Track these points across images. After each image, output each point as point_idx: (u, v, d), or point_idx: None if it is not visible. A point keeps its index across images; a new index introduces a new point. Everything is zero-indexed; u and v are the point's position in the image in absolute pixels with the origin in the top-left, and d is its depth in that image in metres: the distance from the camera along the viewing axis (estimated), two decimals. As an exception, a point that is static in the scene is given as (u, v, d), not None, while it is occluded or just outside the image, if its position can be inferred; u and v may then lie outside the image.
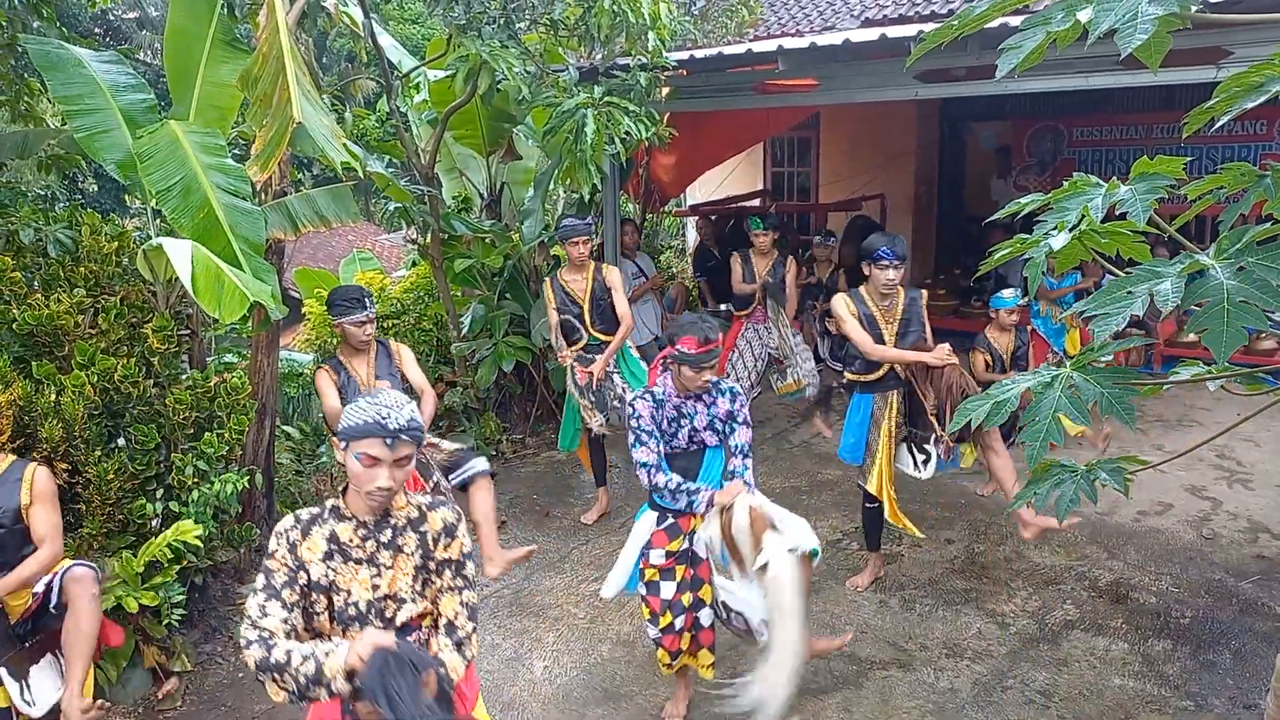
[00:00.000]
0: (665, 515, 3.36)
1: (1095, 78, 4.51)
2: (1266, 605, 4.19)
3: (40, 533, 3.14)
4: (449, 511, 2.19)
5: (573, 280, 5.19)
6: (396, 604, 2.14)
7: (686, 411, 3.29)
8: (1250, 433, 6.17)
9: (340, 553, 2.11)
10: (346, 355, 4.19)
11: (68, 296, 3.92)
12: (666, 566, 3.32)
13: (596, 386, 5.16)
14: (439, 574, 2.15)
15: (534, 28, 5.73)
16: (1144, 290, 1.52)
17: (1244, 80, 1.63)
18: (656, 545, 3.34)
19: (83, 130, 4.10)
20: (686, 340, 3.16)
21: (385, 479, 2.03)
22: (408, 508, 2.17)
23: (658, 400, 3.28)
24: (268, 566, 2.08)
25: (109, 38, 15.71)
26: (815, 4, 9.36)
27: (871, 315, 4.20)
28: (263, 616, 2.00)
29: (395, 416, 2.02)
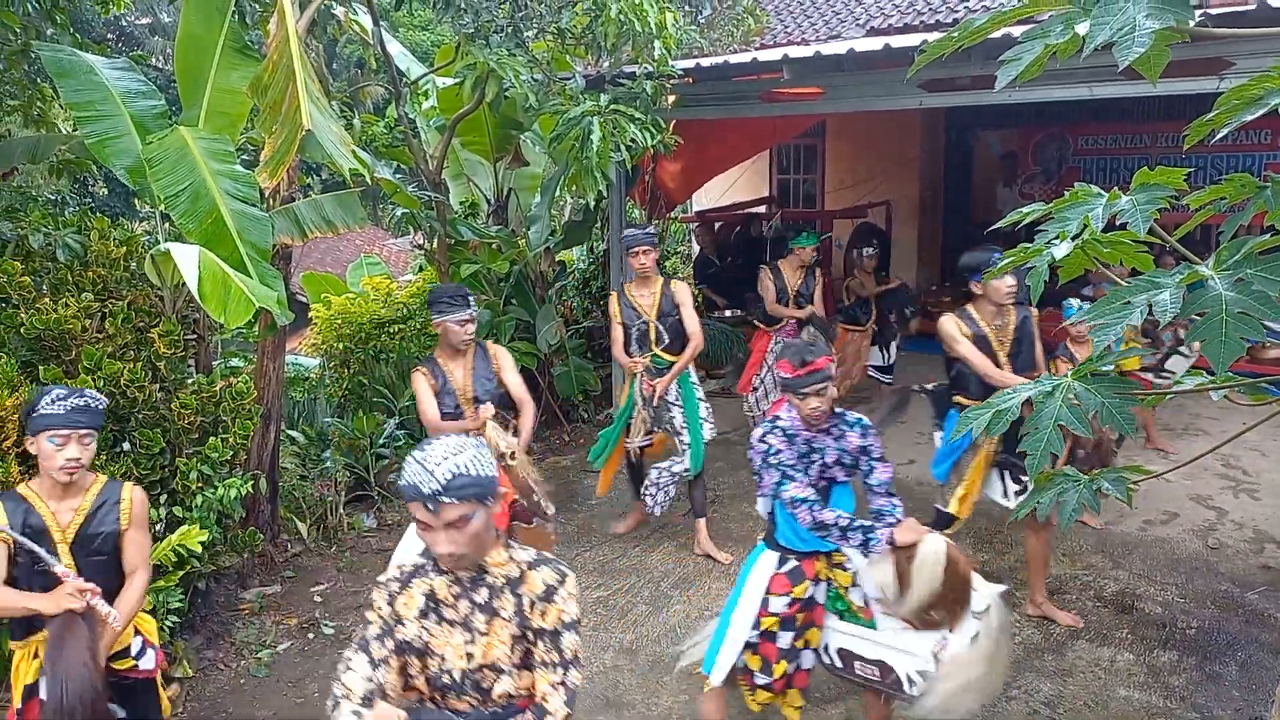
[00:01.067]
0: (787, 558, 3.09)
1: (1099, 88, 4.52)
2: (1272, 616, 4.17)
3: (134, 561, 2.89)
4: (552, 572, 1.91)
5: (640, 295, 5.02)
6: (494, 674, 1.90)
7: (817, 446, 3.03)
8: (1256, 442, 6.16)
9: (436, 612, 1.91)
10: (444, 357, 4.05)
11: (75, 301, 3.95)
12: (788, 615, 3.06)
13: (656, 403, 4.99)
14: (536, 645, 1.88)
15: (541, 36, 5.76)
16: (1143, 300, 1.52)
17: (1244, 92, 1.63)
18: (778, 591, 3.06)
19: (93, 136, 4.13)
20: (782, 364, 3.00)
21: (443, 544, 1.80)
22: (508, 565, 1.91)
23: (788, 434, 3.02)
24: (366, 618, 1.95)
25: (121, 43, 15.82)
26: (821, 13, 9.39)
27: (984, 335, 3.98)
28: (346, 671, 1.88)
29: (428, 479, 1.75)
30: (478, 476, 1.80)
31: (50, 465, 2.73)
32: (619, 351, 5.10)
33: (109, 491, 2.90)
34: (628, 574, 4.92)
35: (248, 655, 4.20)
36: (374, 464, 6.05)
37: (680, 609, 4.46)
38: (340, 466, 5.74)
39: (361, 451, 6.00)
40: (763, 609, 3.06)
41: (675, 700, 3.76)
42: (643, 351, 5.02)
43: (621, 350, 5.08)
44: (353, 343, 7.08)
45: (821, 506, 2.92)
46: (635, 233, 4.99)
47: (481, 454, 1.84)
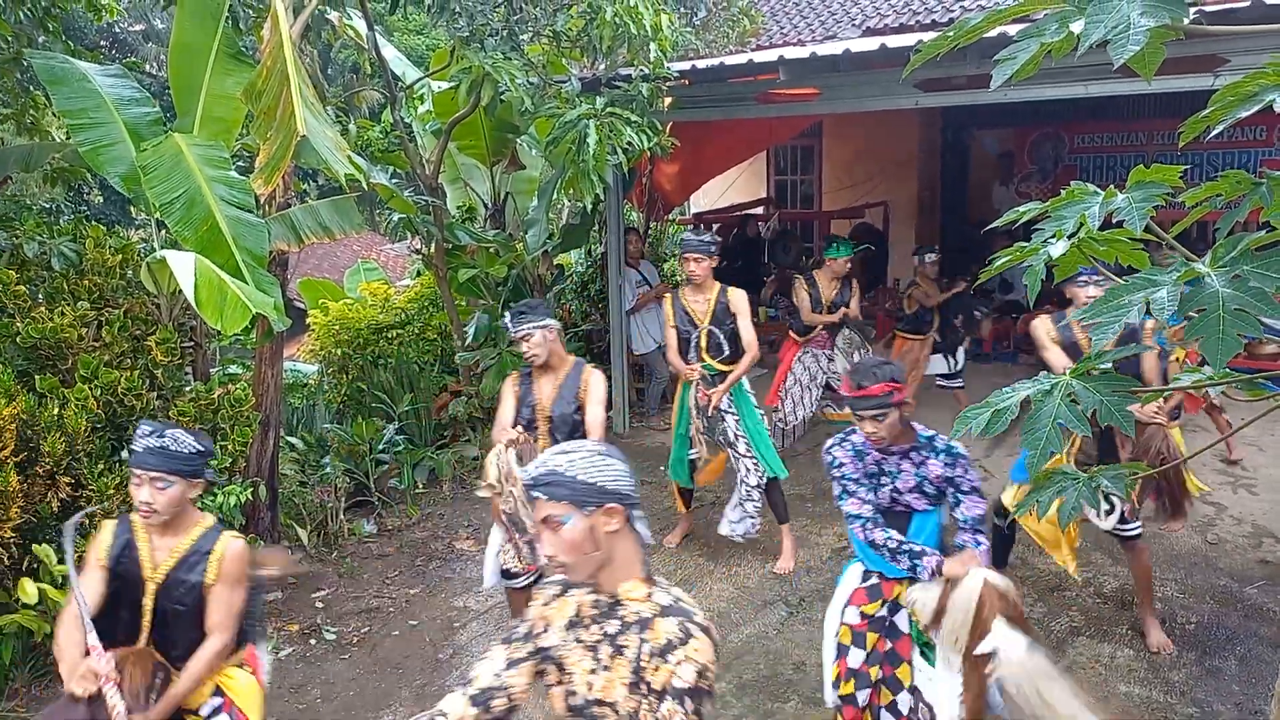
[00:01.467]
0: (870, 573, 3.01)
1: (1094, 86, 4.52)
2: (1271, 610, 4.17)
3: (214, 621, 2.62)
4: (675, 627, 1.72)
5: (694, 300, 4.90)
6: (614, 714, 1.77)
7: (888, 469, 2.91)
8: (1254, 437, 6.16)
9: (577, 627, 1.85)
10: (538, 370, 3.91)
11: (71, 310, 3.95)
12: (859, 629, 2.95)
13: (710, 413, 4.86)
14: (643, 701, 1.73)
15: (537, 39, 5.77)
16: (1140, 298, 1.52)
17: (1238, 89, 1.64)
18: (854, 603, 3.00)
19: (87, 144, 4.14)
20: (845, 383, 2.90)
21: (544, 543, 1.78)
22: (643, 604, 1.79)
23: (857, 449, 2.93)
24: (526, 614, 1.90)
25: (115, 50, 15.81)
26: (817, 13, 9.40)
27: (1076, 343, 3.83)
28: (482, 659, 1.85)
29: (531, 468, 1.79)
30: (574, 480, 1.75)
31: (133, 501, 2.58)
32: (674, 356, 4.97)
33: (206, 540, 2.66)
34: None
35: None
36: (374, 469, 6.04)
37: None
38: (340, 472, 5.74)
39: (361, 457, 5.99)
40: (841, 619, 3.01)
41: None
42: (692, 359, 4.91)
43: (676, 355, 4.96)
44: (351, 348, 7.09)
45: (875, 525, 2.83)
46: (691, 239, 4.92)
47: (599, 462, 1.79)
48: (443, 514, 5.91)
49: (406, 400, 6.73)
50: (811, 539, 5.20)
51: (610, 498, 1.77)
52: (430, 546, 5.44)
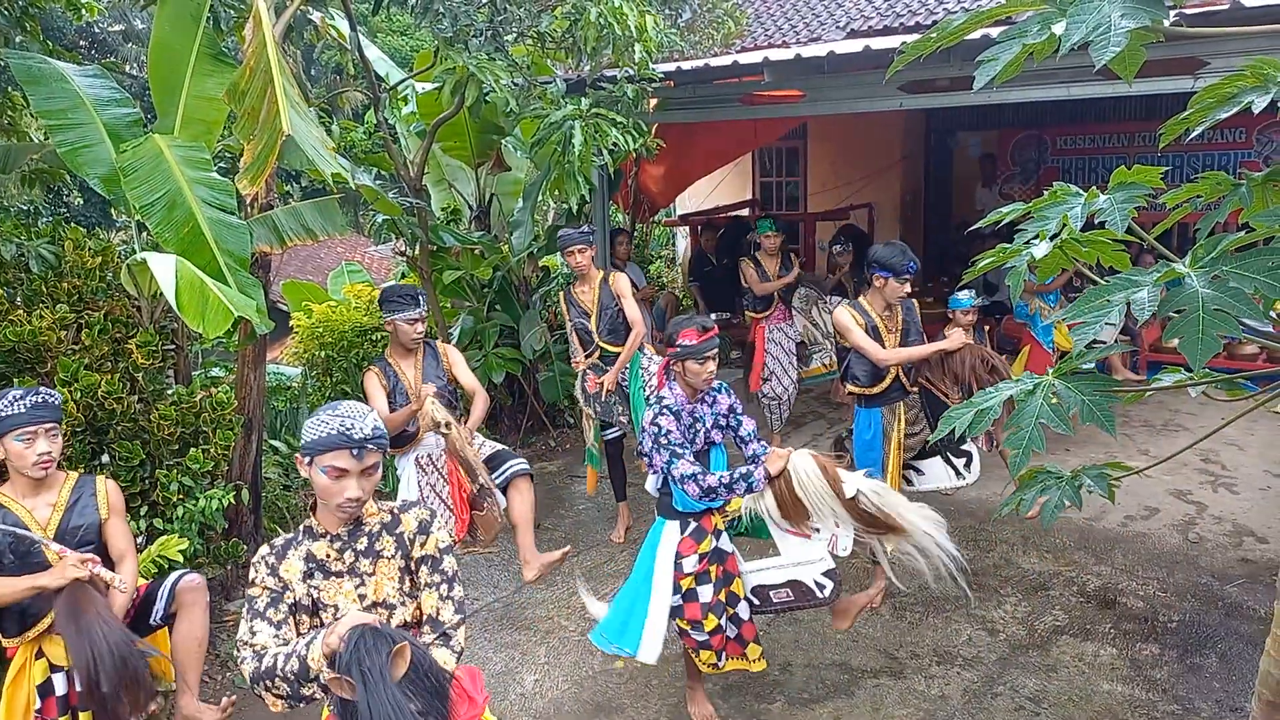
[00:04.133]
0: (687, 522, 3.38)
1: (1076, 88, 4.56)
2: (1251, 608, 4.21)
3: (120, 547, 3.01)
4: (422, 510, 2.19)
5: (582, 291, 5.15)
6: (387, 610, 2.13)
7: (699, 415, 3.38)
8: (1234, 436, 6.22)
9: (320, 570, 2.10)
10: (395, 357, 4.16)
11: (50, 312, 3.90)
12: (702, 570, 3.34)
13: (605, 397, 5.09)
14: (418, 572, 2.14)
15: (521, 40, 5.75)
16: (1121, 298, 1.53)
17: (1217, 91, 1.65)
18: (686, 553, 3.35)
19: (65, 145, 4.08)
20: (686, 333, 3.26)
21: (354, 489, 2.02)
22: (379, 514, 2.16)
23: (675, 412, 3.31)
24: (249, 594, 2.07)
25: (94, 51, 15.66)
26: (801, 16, 9.42)
27: (875, 325, 4.21)
28: (252, 636, 2.01)
29: (359, 426, 2.01)
30: (385, 432, 2.09)
31: (23, 464, 2.80)
32: (573, 350, 5.27)
33: (84, 485, 3.00)
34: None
35: (232, 667, 4.16)
36: (357, 472, 6.00)
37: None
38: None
39: (345, 460, 5.95)
40: (678, 572, 3.34)
41: (664, 703, 3.75)
42: (589, 348, 5.15)
43: (577, 349, 5.23)
44: (335, 351, 7.03)
45: (705, 473, 3.20)
46: (569, 232, 5.07)
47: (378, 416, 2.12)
48: (428, 517, 5.88)
49: (391, 403, 6.69)
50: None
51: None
52: (415, 549, 5.41)
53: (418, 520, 2.16)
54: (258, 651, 1.97)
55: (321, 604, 2.10)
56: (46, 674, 2.85)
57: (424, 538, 2.15)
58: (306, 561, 2.10)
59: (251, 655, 1.97)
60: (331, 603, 2.10)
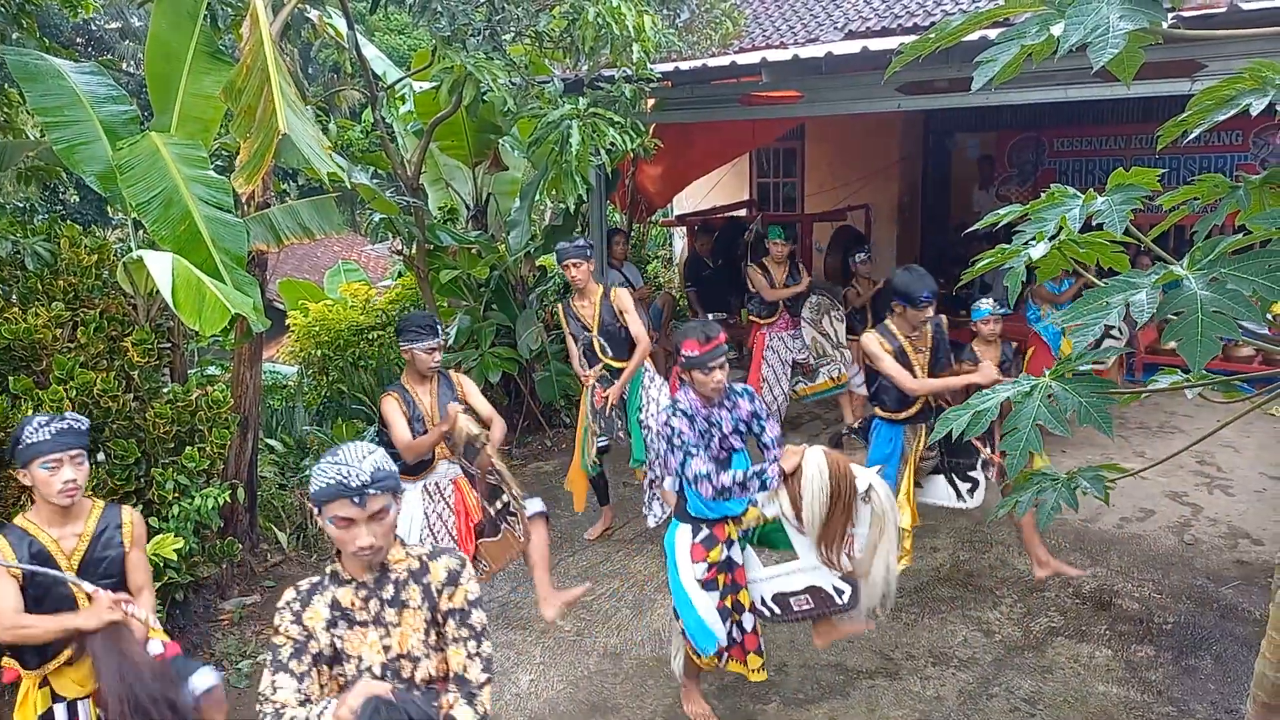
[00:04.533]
0: (699, 527, 3.34)
1: (1074, 90, 4.56)
2: (1246, 610, 4.22)
3: (139, 580, 2.89)
4: (451, 559, 2.08)
5: (582, 306, 5.07)
6: (412, 663, 2.05)
7: (715, 419, 3.32)
8: (1230, 438, 6.23)
9: (344, 618, 2.02)
10: (411, 382, 4.08)
11: (46, 310, 3.89)
12: (709, 579, 3.31)
13: (608, 412, 5.01)
14: (445, 625, 2.04)
15: (519, 40, 5.74)
16: (1120, 300, 1.53)
17: (1215, 94, 1.65)
18: (696, 559, 3.32)
19: (62, 142, 4.07)
20: (688, 344, 3.22)
21: (365, 537, 1.94)
22: (407, 560, 2.07)
23: (688, 414, 3.26)
24: (273, 642, 2.01)
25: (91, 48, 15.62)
26: (799, 16, 9.42)
27: (902, 349, 4.14)
28: (274, 692, 1.95)
29: (356, 473, 1.92)
30: (392, 471, 1.98)
31: (49, 491, 2.69)
32: (574, 362, 5.19)
33: (110, 516, 2.87)
34: (611, 578, 4.90)
35: (227, 666, 4.15)
36: (353, 471, 5.99)
37: (664, 612, 4.45)
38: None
39: (341, 459, 5.94)
40: (692, 577, 3.33)
41: (660, 703, 3.75)
42: (592, 364, 5.08)
43: (577, 361, 5.16)
44: (331, 350, 7.03)
45: (719, 472, 3.16)
46: (565, 245, 5.01)
47: (386, 456, 2.01)
48: (424, 516, 5.87)
49: (387, 402, 6.68)
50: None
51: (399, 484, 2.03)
52: (411, 549, 5.40)
53: (447, 570, 2.06)
54: (277, 711, 1.92)
55: (345, 655, 2.02)
56: (49, 704, 2.78)
57: (453, 589, 2.04)
58: (331, 609, 2.02)
59: (271, 715, 1.92)
60: (355, 654, 2.02)
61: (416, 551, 2.09)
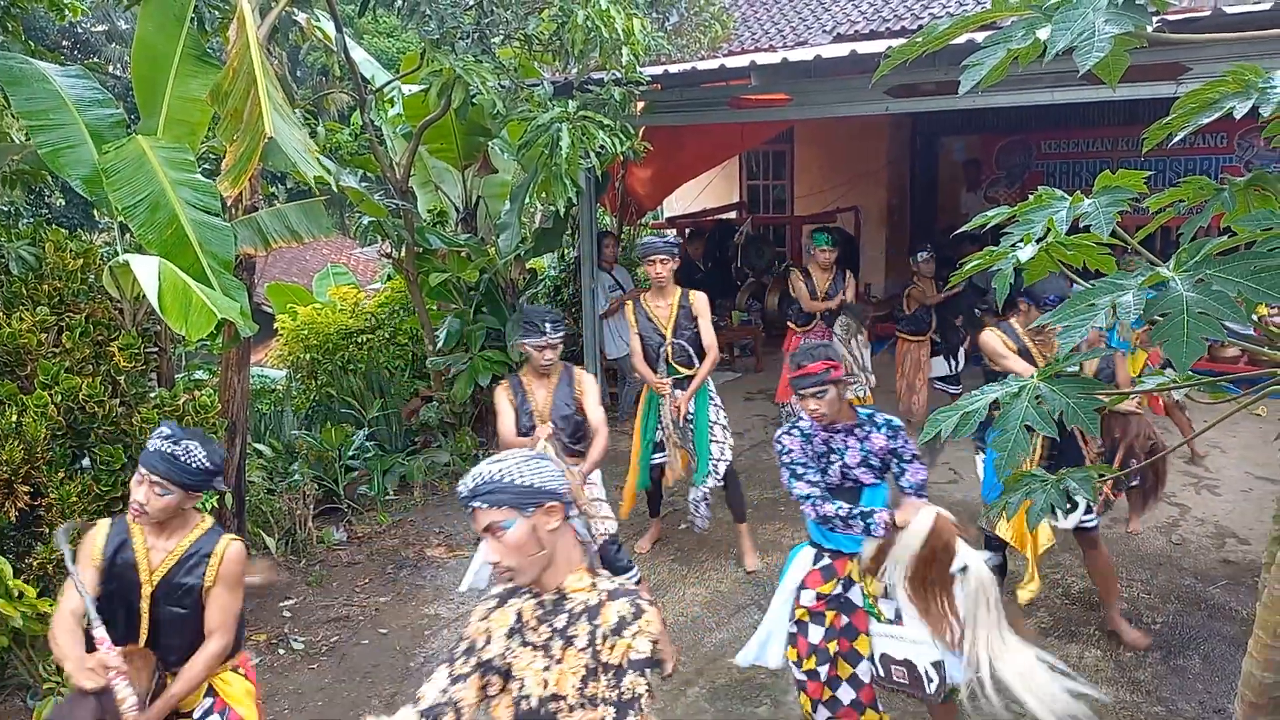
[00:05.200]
0: (821, 555, 3.15)
1: (1060, 92, 4.58)
2: (1233, 609, 4.24)
3: (212, 623, 2.61)
4: (628, 606, 1.80)
5: (657, 305, 4.84)
6: (567, 710, 1.81)
7: (836, 446, 3.07)
8: (1216, 439, 6.27)
9: (520, 633, 1.87)
10: (529, 376, 4.00)
11: (30, 315, 3.86)
12: (817, 610, 3.09)
13: (681, 421, 4.79)
14: (599, 679, 1.78)
15: (508, 42, 5.74)
16: (1106, 302, 1.53)
17: (1199, 97, 1.66)
18: (810, 585, 3.13)
19: (47, 146, 4.05)
20: (786, 366, 3.10)
21: (491, 552, 1.82)
22: (589, 592, 1.85)
23: (805, 434, 3.08)
24: (462, 632, 1.92)
25: (77, 51, 15.53)
26: (788, 19, 9.45)
27: (1027, 349, 3.93)
28: (426, 681, 1.84)
29: (467, 479, 1.81)
30: (511, 484, 1.79)
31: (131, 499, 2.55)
32: (641, 364, 4.88)
33: (205, 542, 2.63)
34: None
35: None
36: (343, 476, 5.97)
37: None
38: (308, 479, 5.66)
39: (330, 464, 5.92)
40: (797, 601, 3.14)
41: (653, 707, 3.73)
42: (661, 370, 4.81)
43: (642, 362, 4.87)
44: (320, 353, 7.01)
45: (824, 500, 2.95)
46: (653, 240, 4.88)
47: (530, 465, 1.83)
48: (413, 521, 5.85)
49: (376, 406, 6.66)
50: (784, 541, 5.21)
51: (548, 496, 1.82)
52: (401, 554, 5.38)
53: (618, 615, 1.79)
54: (414, 704, 1.80)
55: (512, 674, 1.85)
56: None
57: (615, 639, 1.77)
58: (517, 618, 1.88)
59: (411, 701, 1.81)
60: (520, 676, 1.84)
61: (603, 586, 1.86)
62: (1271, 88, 1.59)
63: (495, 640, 1.86)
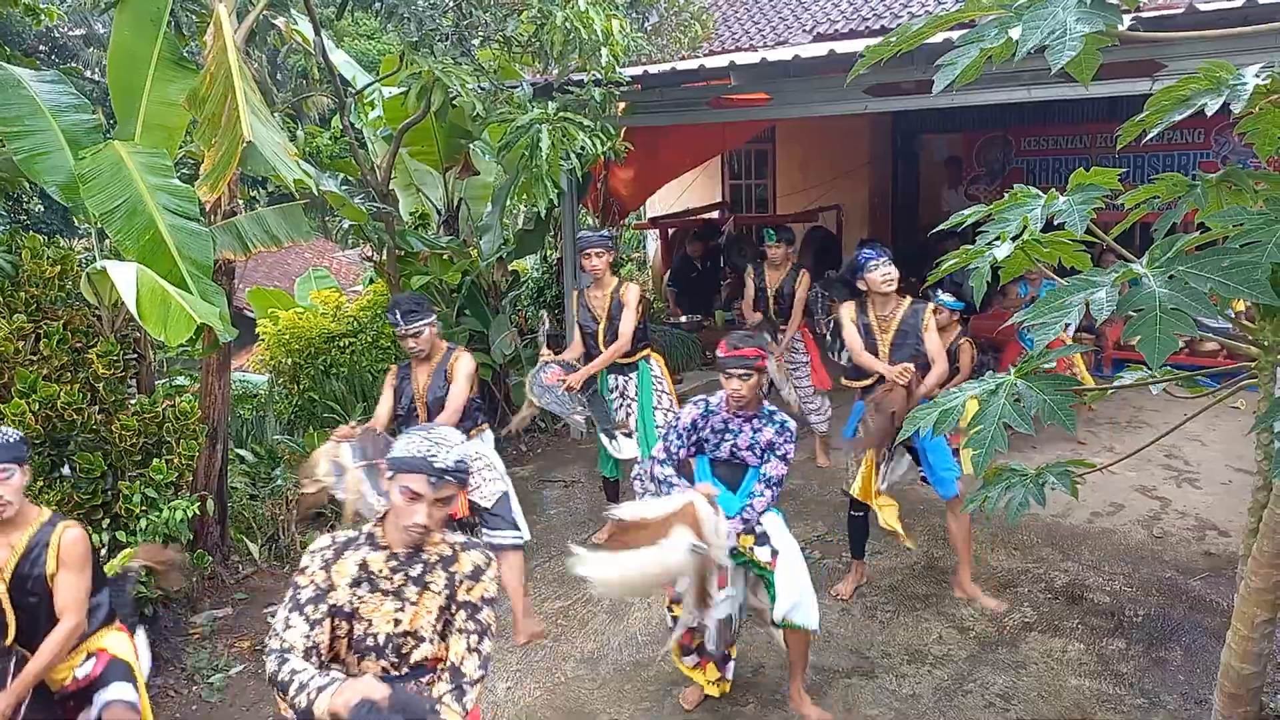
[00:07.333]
0: None
1: (1037, 90, 4.62)
2: (1214, 601, 4.28)
3: (60, 604, 2.81)
4: (480, 555, 2.19)
5: (595, 296, 5.06)
6: (415, 641, 2.14)
7: (733, 428, 3.41)
8: (1197, 432, 6.33)
9: (369, 581, 2.11)
10: (416, 360, 4.22)
11: (7, 322, 3.82)
12: None
13: (566, 393, 5.00)
14: (456, 614, 2.14)
15: (487, 44, 5.73)
16: (1080, 299, 1.55)
17: (1172, 94, 1.68)
18: None
19: (22, 152, 3.99)
20: (721, 345, 3.40)
21: (423, 516, 2.04)
22: (441, 545, 2.17)
23: (709, 409, 3.43)
24: (297, 582, 2.09)
25: (54, 55, 15.36)
26: (768, 19, 9.47)
27: (869, 324, 4.31)
28: (286, 629, 2.03)
29: (443, 456, 2.04)
30: (464, 464, 2.11)
31: None
32: (576, 350, 5.16)
33: (44, 533, 2.83)
34: (587, 583, 4.88)
35: (199, 680, 4.09)
36: (326, 480, 5.93)
37: (640, 616, 4.45)
38: (291, 484, 5.62)
39: (313, 468, 5.88)
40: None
41: (638, 708, 3.74)
42: (591, 355, 5.09)
43: (580, 349, 5.13)
44: (302, 358, 6.96)
45: (661, 465, 3.41)
46: (589, 235, 5.05)
47: (459, 445, 2.12)
48: (399, 524, 5.82)
49: (359, 410, 6.60)
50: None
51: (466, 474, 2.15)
52: (386, 558, 5.35)
53: (473, 564, 2.17)
54: (282, 653, 1.99)
55: (358, 616, 2.11)
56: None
57: (473, 583, 2.15)
58: (360, 569, 2.11)
59: (276, 655, 1.99)
60: (367, 617, 2.11)
61: (452, 539, 2.19)
62: (1242, 84, 1.61)
63: (340, 589, 2.09)
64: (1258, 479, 2.17)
